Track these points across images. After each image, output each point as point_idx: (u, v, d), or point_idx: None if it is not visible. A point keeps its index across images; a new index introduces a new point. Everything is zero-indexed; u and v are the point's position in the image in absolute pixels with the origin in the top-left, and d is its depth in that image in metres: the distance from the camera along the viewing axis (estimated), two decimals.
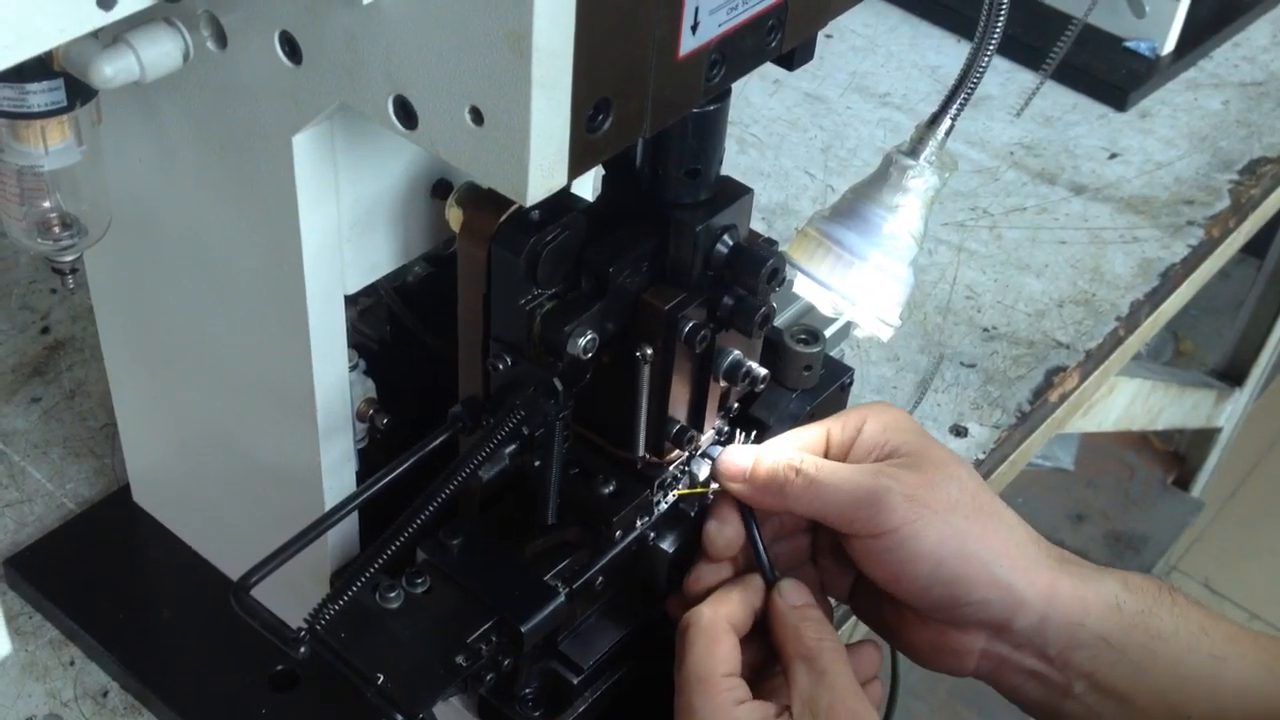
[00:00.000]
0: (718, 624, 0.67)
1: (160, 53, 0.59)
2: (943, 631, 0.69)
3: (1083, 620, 0.67)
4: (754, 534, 0.71)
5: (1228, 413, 2.04)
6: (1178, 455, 2.22)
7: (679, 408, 0.71)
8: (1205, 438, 2.13)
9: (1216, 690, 0.67)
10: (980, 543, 0.67)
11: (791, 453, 0.70)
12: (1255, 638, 0.69)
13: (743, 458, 0.71)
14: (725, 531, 0.71)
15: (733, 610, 0.68)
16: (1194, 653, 0.67)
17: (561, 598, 0.69)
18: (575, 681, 0.72)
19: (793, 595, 0.69)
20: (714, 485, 0.73)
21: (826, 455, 0.72)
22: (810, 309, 0.79)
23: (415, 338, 0.77)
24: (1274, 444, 2.46)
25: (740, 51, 0.59)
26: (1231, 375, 2.01)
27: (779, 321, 0.81)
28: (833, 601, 0.82)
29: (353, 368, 0.73)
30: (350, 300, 0.70)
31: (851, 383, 0.84)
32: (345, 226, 0.66)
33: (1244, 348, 1.98)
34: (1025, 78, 1.39)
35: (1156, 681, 0.67)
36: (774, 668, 0.69)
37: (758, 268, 0.67)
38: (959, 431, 1.03)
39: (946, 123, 0.70)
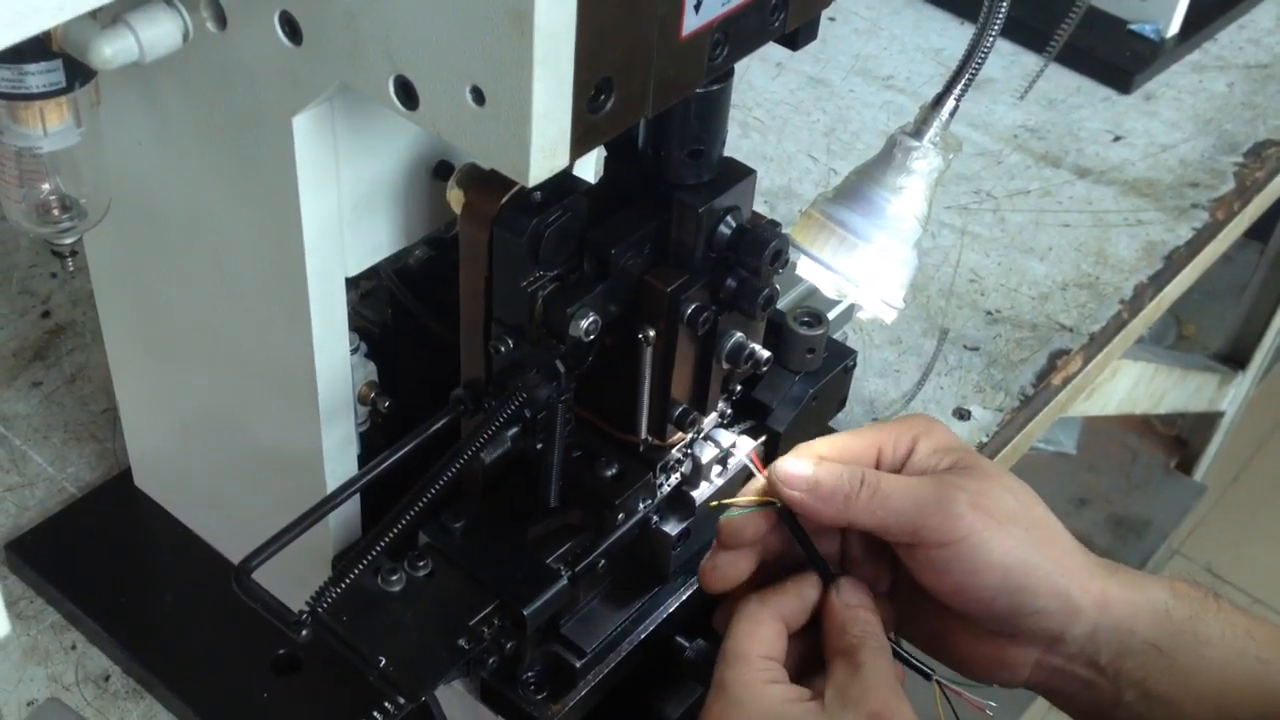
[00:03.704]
0: (764, 609, 0.67)
1: (159, 33, 0.58)
2: (998, 646, 0.68)
3: (1133, 628, 0.67)
4: (803, 535, 0.69)
5: (1230, 396, 2.03)
6: (1180, 439, 2.22)
7: (681, 390, 0.71)
8: (1208, 421, 2.12)
9: (1264, 692, 0.67)
10: (1040, 552, 0.66)
11: (853, 465, 0.68)
12: None
13: (803, 466, 0.68)
14: (754, 520, 0.69)
15: (783, 601, 0.68)
16: (1242, 657, 0.67)
17: (564, 581, 0.69)
18: (578, 665, 0.72)
19: (849, 594, 0.68)
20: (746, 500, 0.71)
21: (877, 468, 0.70)
22: (813, 291, 0.79)
23: (417, 320, 0.77)
24: (1277, 428, 2.45)
25: (743, 31, 0.58)
26: (1234, 359, 2.00)
27: (782, 304, 0.80)
28: None
29: (354, 351, 0.73)
30: (351, 283, 0.70)
31: (855, 365, 0.84)
32: (346, 208, 0.66)
33: (1247, 331, 1.98)
34: (1029, 60, 1.38)
35: (1206, 686, 0.67)
36: (822, 667, 0.67)
37: (761, 249, 0.67)
38: (962, 414, 1.03)
39: (950, 103, 0.70)
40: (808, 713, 0.63)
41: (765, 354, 0.72)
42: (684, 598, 0.76)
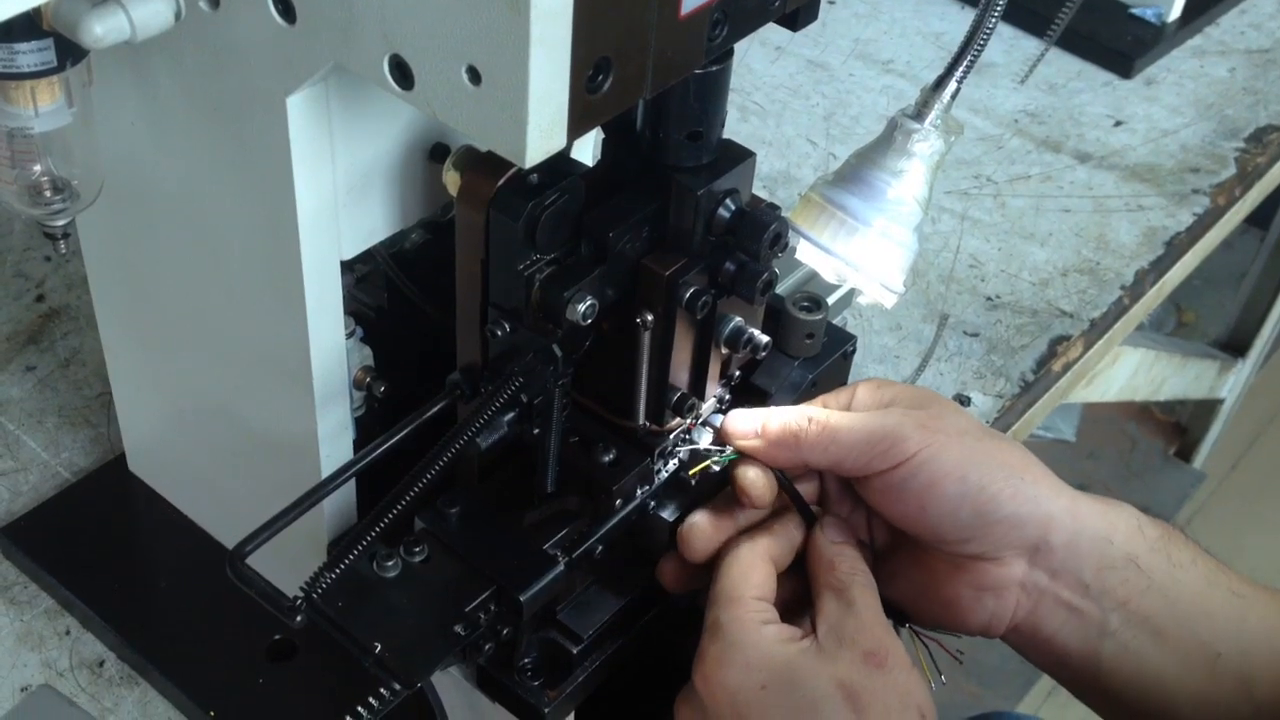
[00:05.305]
0: (755, 552, 0.68)
1: (151, 11, 0.57)
2: (979, 570, 0.68)
3: (1110, 537, 0.67)
4: (785, 477, 0.71)
5: (1230, 384, 2.03)
6: (1179, 426, 2.22)
7: (680, 375, 0.71)
8: (1207, 409, 2.12)
9: (1242, 627, 0.67)
10: (999, 460, 0.67)
11: (799, 408, 0.71)
12: (1265, 587, 0.70)
13: (750, 418, 0.71)
14: (766, 477, 0.70)
15: (772, 542, 0.69)
16: (1215, 586, 0.68)
17: (561, 567, 0.68)
18: (575, 651, 0.71)
19: (833, 532, 0.70)
20: (716, 447, 0.73)
21: None
22: (813, 276, 0.78)
23: (413, 305, 0.77)
24: (1276, 416, 2.45)
25: (743, 10, 0.58)
26: (1234, 346, 2.00)
27: (781, 288, 0.80)
28: None
29: (350, 335, 0.72)
30: (347, 267, 0.69)
31: (854, 351, 0.83)
32: (341, 191, 0.65)
33: (1247, 319, 1.97)
34: (1030, 45, 1.37)
35: (1186, 612, 0.67)
36: (807, 606, 0.69)
37: (760, 232, 0.66)
38: (962, 401, 1.02)
39: (952, 85, 0.69)
40: (803, 651, 0.64)
41: (764, 339, 0.72)
42: None
